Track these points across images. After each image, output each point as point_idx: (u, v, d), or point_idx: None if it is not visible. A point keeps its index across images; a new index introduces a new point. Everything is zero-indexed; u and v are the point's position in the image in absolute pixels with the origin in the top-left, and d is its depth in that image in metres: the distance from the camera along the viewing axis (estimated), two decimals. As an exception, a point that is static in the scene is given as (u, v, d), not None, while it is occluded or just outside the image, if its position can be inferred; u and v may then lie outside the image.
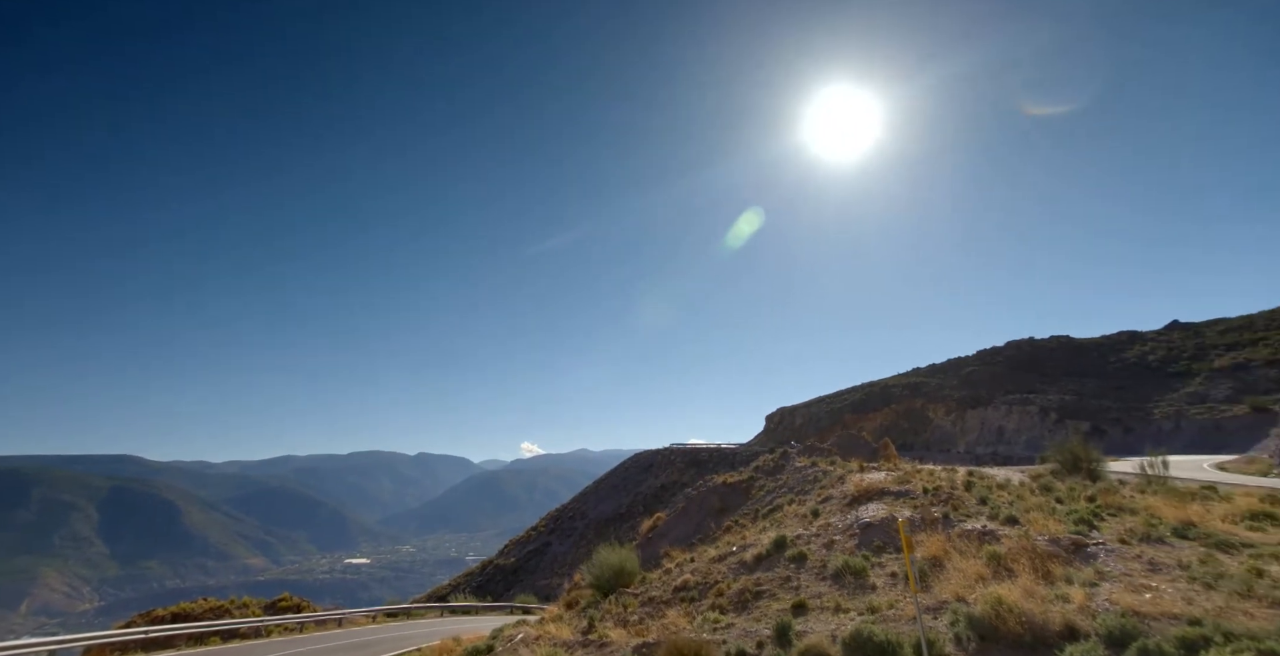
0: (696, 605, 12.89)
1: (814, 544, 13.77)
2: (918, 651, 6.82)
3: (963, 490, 15.85)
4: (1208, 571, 8.59)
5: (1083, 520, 11.77)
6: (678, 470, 65.84)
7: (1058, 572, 9.04)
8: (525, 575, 60.74)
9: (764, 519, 21.81)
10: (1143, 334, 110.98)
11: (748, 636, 9.16)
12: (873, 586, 10.57)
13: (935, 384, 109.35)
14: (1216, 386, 77.20)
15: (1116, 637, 6.39)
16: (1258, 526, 11.49)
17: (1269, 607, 7.31)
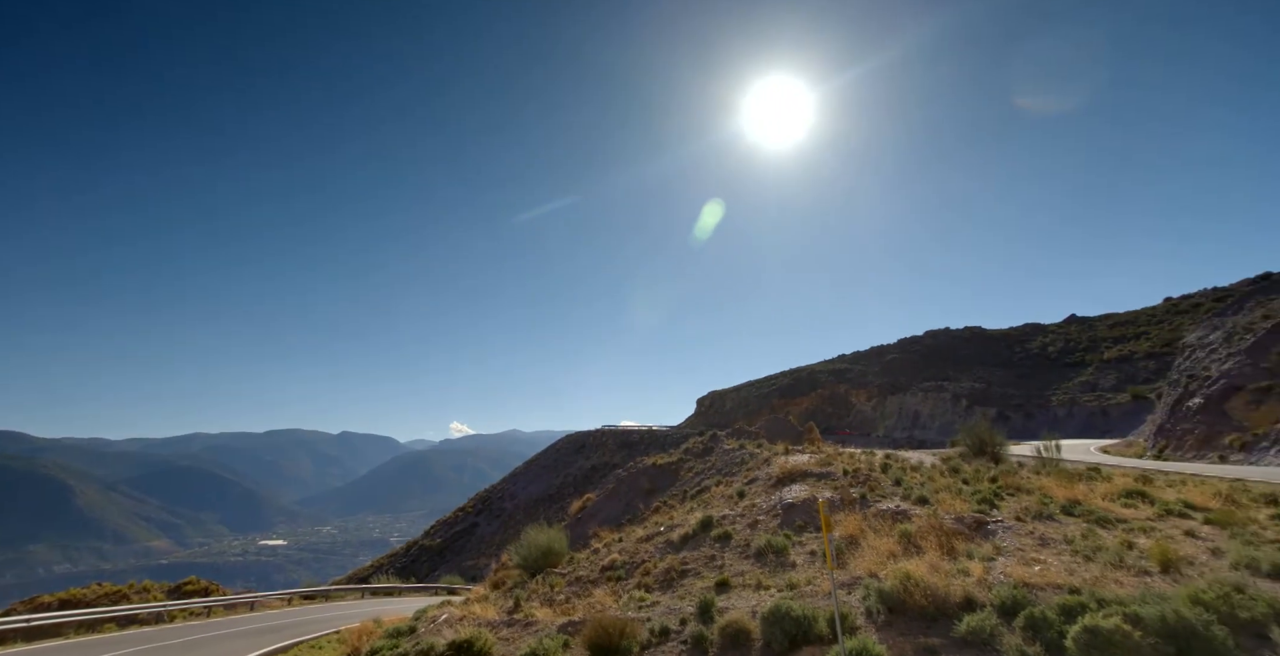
0: (623, 584, 13.10)
1: (739, 524, 14.20)
2: (831, 625, 7.18)
3: (880, 472, 16.68)
4: (1088, 545, 9.43)
5: (985, 500, 12.62)
6: (609, 451, 66.29)
7: (961, 549, 9.70)
8: (452, 556, 60.04)
9: (692, 500, 22.30)
10: (1045, 327, 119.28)
11: (672, 614, 9.39)
12: (793, 564, 11.03)
13: (859, 371, 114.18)
14: (1105, 376, 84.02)
15: (1008, 607, 6.93)
16: (1131, 503, 12.67)
17: (1136, 576, 8.11)
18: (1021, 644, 6.17)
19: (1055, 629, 6.22)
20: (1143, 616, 6.02)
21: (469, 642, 9.41)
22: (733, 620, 8.05)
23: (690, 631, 8.21)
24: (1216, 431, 35.81)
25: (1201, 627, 5.88)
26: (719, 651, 7.69)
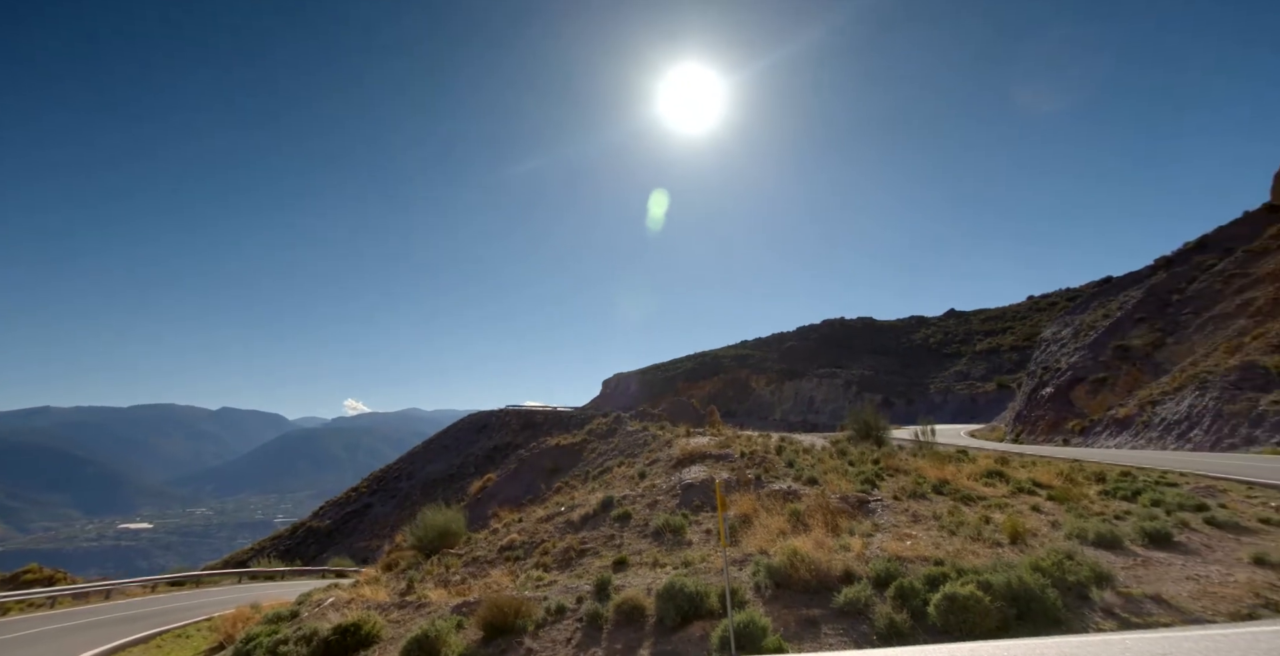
0: (521, 564, 13.08)
1: (639, 504, 14.48)
2: (722, 600, 7.49)
3: (774, 454, 17.50)
4: (953, 520, 10.35)
5: (868, 480, 13.55)
6: (513, 432, 65.50)
7: (844, 526, 10.37)
8: (342, 538, 57.57)
9: (594, 480, 22.49)
10: (928, 319, 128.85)
11: (569, 592, 9.47)
12: (689, 542, 11.39)
13: (759, 356, 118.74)
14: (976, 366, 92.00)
15: (882, 579, 7.51)
16: (991, 483, 14.02)
17: (990, 547, 9.00)
18: (891, 612, 6.70)
19: (921, 597, 6.80)
20: (993, 583, 6.70)
21: (356, 626, 9.09)
22: (628, 597, 8.22)
23: (586, 609, 8.31)
24: (1063, 417, 40.16)
25: (1039, 591, 6.62)
26: (613, 628, 7.84)
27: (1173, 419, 28.95)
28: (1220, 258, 41.85)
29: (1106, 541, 8.98)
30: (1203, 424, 26.79)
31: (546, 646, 7.78)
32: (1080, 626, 6.38)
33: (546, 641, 7.90)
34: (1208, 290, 38.89)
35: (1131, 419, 32.40)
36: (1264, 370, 26.31)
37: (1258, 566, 8.04)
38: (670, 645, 7.12)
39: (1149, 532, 9.29)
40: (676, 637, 7.24)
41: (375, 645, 8.92)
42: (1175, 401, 29.94)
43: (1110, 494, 12.99)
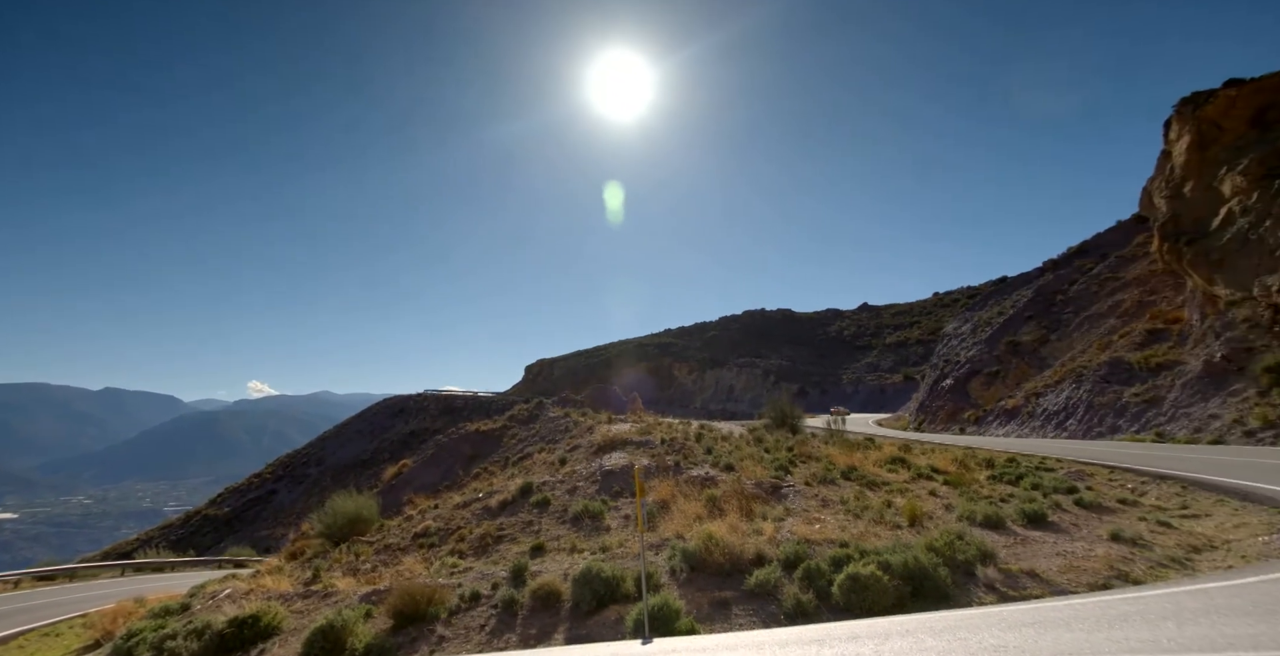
0: (436, 551, 12.82)
1: (559, 490, 14.45)
2: (638, 584, 7.61)
3: (694, 441, 17.86)
4: (859, 505, 10.92)
5: (782, 467, 14.06)
6: (431, 417, 63.75)
7: (758, 511, 10.73)
8: (242, 526, 54.47)
9: (514, 466, 22.26)
10: (843, 312, 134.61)
11: (484, 579, 9.36)
12: (608, 528, 11.48)
13: (682, 345, 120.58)
14: (885, 358, 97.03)
15: (791, 561, 7.83)
16: (894, 468, 14.88)
17: (891, 530, 9.57)
18: (798, 592, 7.01)
19: (826, 578, 7.14)
20: (892, 563, 7.12)
21: (255, 617, 8.63)
22: (544, 583, 8.21)
23: (501, 595, 8.24)
24: (960, 407, 43.06)
25: (932, 569, 7.10)
26: (529, 613, 7.82)
27: (1053, 409, 31.63)
28: (1097, 262, 45.82)
29: (992, 522, 9.73)
30: (1077, 414, 29.42)
31: (460, 633, 7.67)
32: (966, 601, 6.90)
33: (460, 628, 7.79)
34: (1086, 292, 42.56)
35: (1019, 409, 35.12)
36: (1128, 365, 29.13)
37: (1114, 542, 8.93)
38: (585, 629, 7.17)
39: (1028, 514, 10.13)
40: (591, 622, 7.30)
41: (276, 637, 8.51)
42: (1055, 393, 32.71)
43: (998, 478, 14.08)
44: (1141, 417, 25.54)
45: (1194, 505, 11.43)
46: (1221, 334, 25.26)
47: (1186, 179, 32.09)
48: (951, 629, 4.82)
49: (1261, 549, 8.29)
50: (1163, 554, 8.49)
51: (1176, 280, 32.49)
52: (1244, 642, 3.60)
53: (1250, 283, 25.24)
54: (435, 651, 7.23)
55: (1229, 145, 30.33)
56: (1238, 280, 26.02)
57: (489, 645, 7.20)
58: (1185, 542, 9.12)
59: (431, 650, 7.29)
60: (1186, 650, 3.50)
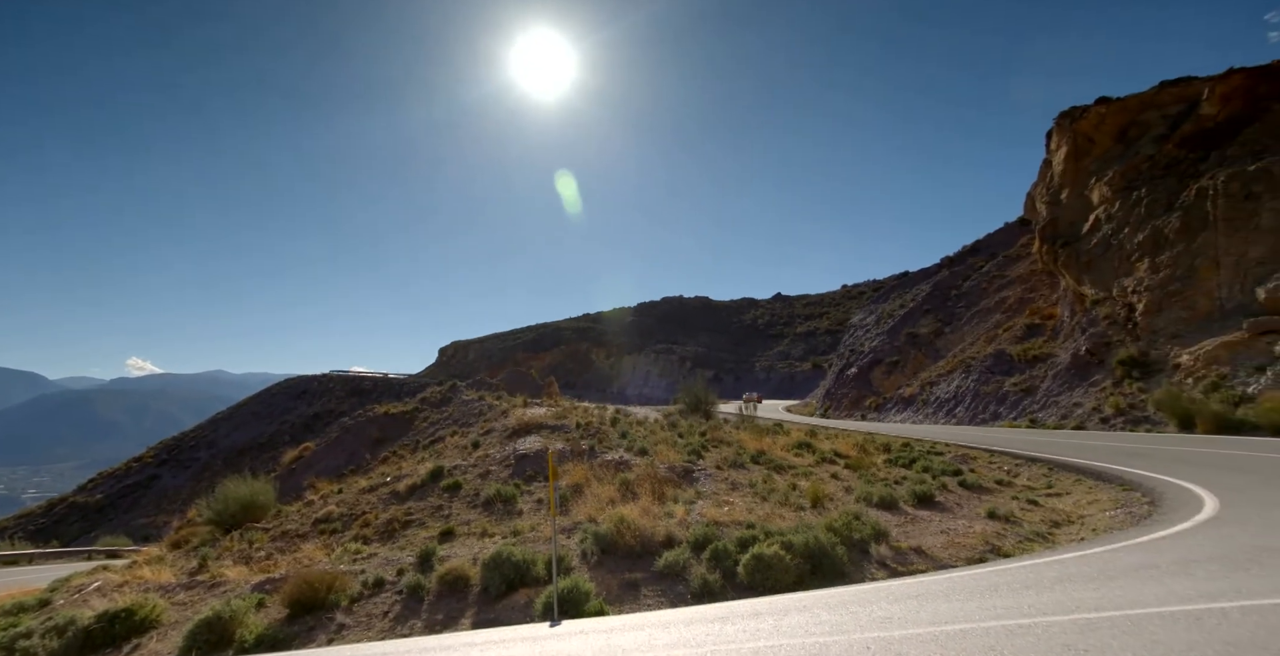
0: (338, 537, 12.34)
1: (471, 474, 14.20)
2: (549, 567, 7.62)
3: (609, 426, 17.98)
4: (766, 488, 11.38)
5: (694, 451, 14.41)
6: (337, 398, 60.87)
7: (670, 494, 10.97)
8: (118, 514, 50.22)
9: (425, 450, 21.67)
10: (758, 301, 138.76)
11: (389, 565, 9.10)
12: (520, 512, 11.41)
13: (600, 330, 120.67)
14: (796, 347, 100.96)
15: (700, 542, 8.07)
16: (800, 453, 15.59)
17: (795, 511, 10.05)
18: (705, 573, 7.24)
19: (733, 558, 7.42)
20: (794, 543, 7.48)
21: (128, 611, 7.99)
22: (453, 568, 8.07)
23: (407, 581, 8.04)
24: (863, 395, 45.55)
25: (831, 548, 7.52)
26: (435, 599, 7.67)
27: (944, 397, 34.05)
28: (987, 260, 49.50)
29: (887, 503, 10.40)
30: (965, 402, 31.82)
31: (361, 620, 7.43)
32: (860, 577, 7.35)
33: (361, 615, 7.54)
34: (976, 288, 45.92)
35: (915, 397, 37.55)
36: (1010, 357, 31.75)
37: (990, 519, 9.77)
38: (493, 613, 7.12)
39: (918, 495, 10.89)
40: (500, 605, 7.26)
41: (153, 631, 7.94)
42: (947, 383, 35.22)
43: (894, 462, 15.04)
44: (1019, 405, 27.92)
45: (1057, 484, 12.65)
46: (1086, 330, 27.93)
47: (1063, 186, 35.09)
48: (845, 603, 5.13)
49: (1109, 522, 9.30)
50: (1029, 529, 9.36)
51: (1053, 279, 35.55)
52: (1088, 605, 4.05)
53: (1111, 284, 28.01)
54: (334, 640, 6.97)
55: (1099, 157, 33.40)
56: (1101, 281, 28.80)
57: (392, 632, 7.02)
58: (1048, 518, 10.10)
59: (330, 638, 7.02)
60: (1042, 613, 3.89)
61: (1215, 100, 27.84)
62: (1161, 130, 30.50)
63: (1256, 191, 22.68)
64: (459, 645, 5.30)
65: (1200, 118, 28.34)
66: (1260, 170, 22.87)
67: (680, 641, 4.29)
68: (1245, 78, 27.31)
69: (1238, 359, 20.09)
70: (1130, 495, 10.59)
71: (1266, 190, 22.42)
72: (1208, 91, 28.42)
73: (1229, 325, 21.42)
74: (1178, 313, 23.91)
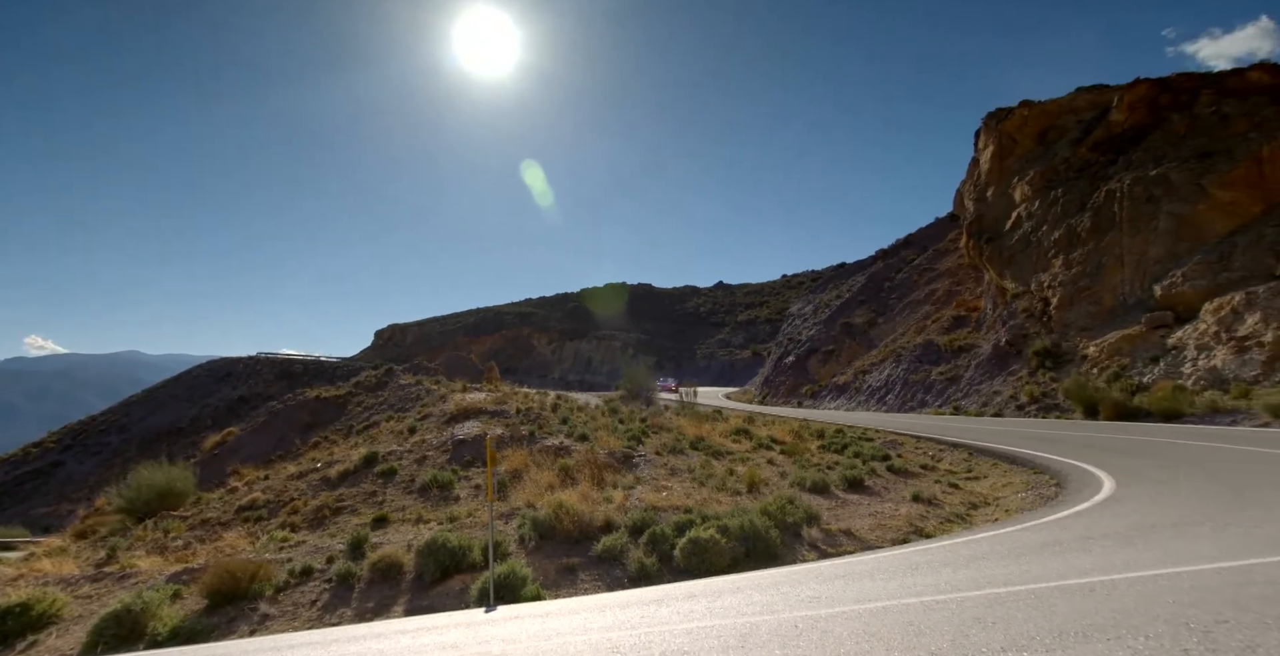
0: (264, 525, 11.91)
1: (407, 459, 13.89)
2: (485, 553, 7.55)
3: (550, 411, 17.89)
4: (704, 473, 11.59)
5: (635, 437, 14.51)
6: (265, 382, 58.14)
7: (610, 479, 11.02)
8: (14, 503, 46.70)
9: (358, 435, 21.05)
10: (700, 289, 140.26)
11: (318, 552, 8.83)
12: (457, 498, 11.25)
13: (542, 315, 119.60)
14: (736, 335, 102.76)
15: (638, 527, 8.16)
16: (738, 439, 15.93)
17: (731, 496, 10.28)
18: (642, 556, 7.34)
19: (670, 542, 7.54)
20: (730, 527, 7.67)
21: (24, 606, 7.47)
22: (386, 555, 7.91)
23: (337, 569, 7.82)
24: (800, 382, 46.85)
25: (765, 532, 7.74)
26: (367, 587, 7.50)
27: (876, 385, 35.44)
28: (919, 253, 51.56)
29: (819, 487, 10.77)
30: (895, 390, 33.22)
31: (287, 610, 7.20)
32: (792, 558, 7.61)
33: (288, 605, 7.30)
34: (908, 280, 47.82)
35: (849, 385, 38.90)
36: (937, 348, 33.30)
37: (915, 502, 10.27)
38: (427, 600, 7.02)
39: (849, 479, 11.33)
40: (435, 592, 7.16)
41: (53, 627, 7.45)
42: (879, 371, 36.64)
43: (827, 448, 15.57)
44: (944, 393, 29.35)
45: (976, 468, 13.41)
46: (1007, 322, 29.56)
47: (989, 184, 36.83)
48: (776, 584, 5.30)
49: (1020, 503, 9.93)
50: (950, 511, 9.90)
51: (978, 273, 37.39)
52: (998, 581, 4.32)
53: (1030, 278, 29.69)
54: (258, 631, 6.73)
55: (1021, 157, 35.21)
56: (1021, 276, 30.50)
57: (320, 621, 6.83)
58: (967, 501, 10.70)
59: (253, 629, 6.77)
60: (957, 590, 4.13)
61: (1124, 108, 29.71)
62: (1076, 134, 32.36)
63: (1156, 195, 24.43)
64: (390, 632, 5.20)
65: (1110, 124, 30.20)
66: (1160, 176, 24.62)
67: (616, 624, 4.34)
68: (1149, 88, 29.25)
69: (1136, 351, 21.71)
70: (1040, 478, 11.32)
71: (1165, 194, 24.17)
72: (1117, 99, 30.29)
73: (1130, 319, 23.10)
74: (1086, 307, 25.59)
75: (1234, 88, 26.61)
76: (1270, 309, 18.17)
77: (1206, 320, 19.90)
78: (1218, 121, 25.22)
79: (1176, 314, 21.64)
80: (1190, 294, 21.44)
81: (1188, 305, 21.38)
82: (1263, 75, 26.47)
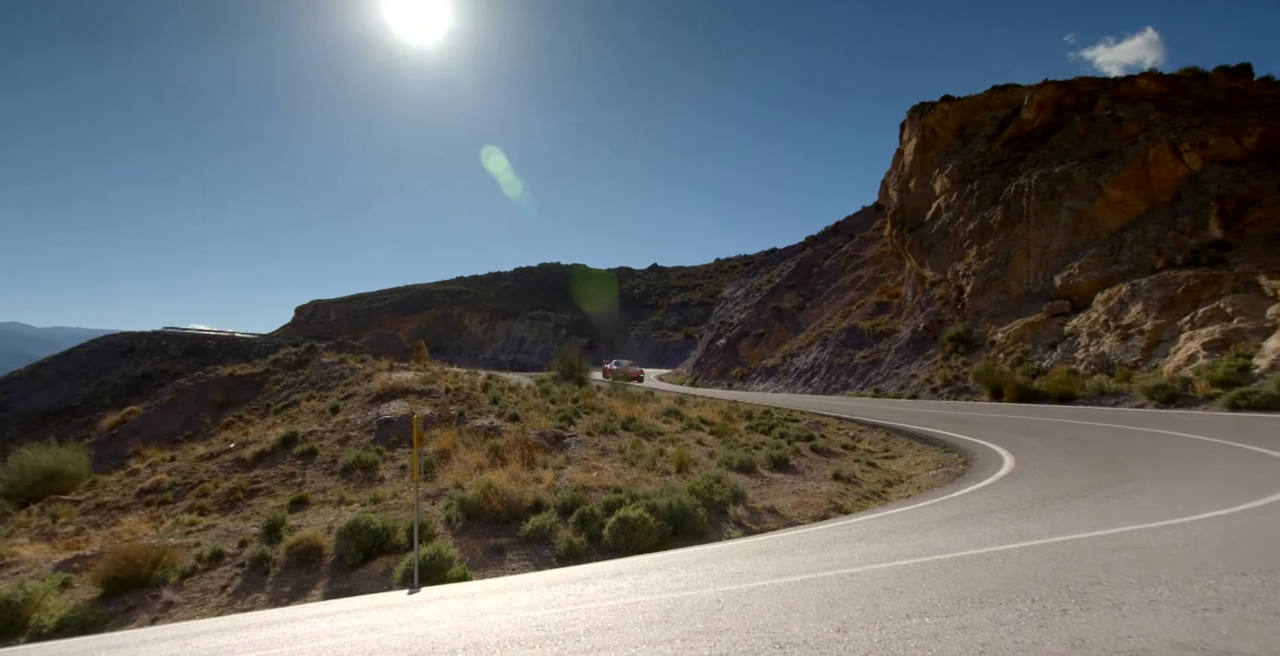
0: (169, 508, 11.26)
1: (329, 440, 13.39)
2: (410, 534, 7.40)
3: (480, 391, 17.59)
4: (634, 453, 11.71)
5: (566, 417, 14.49)
6: (171, 358, 54.35)
7: (540, 460, 10.98)
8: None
9: (276, 414, 20.09)
10: (635, 271, 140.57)
11: (230, 536, 8.43)
12: (382, 479, 10.94)
13: (474, 294, 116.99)
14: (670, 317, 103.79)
15: (568, 507, 8.19)
16: (669, 420, 16.16)
17: (661, 476, 10.45)
18: (571, 536, 7.38)
19: (599, 522, 7.60)
20: (658, 506, 7.80)
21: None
22: (304, 537, 7.63)
23: (251, 552, 7.50)
24: (730, 365, 47.89)
25: (692, 510, 7.92)
26: (283, 571, 7.23)
27: (803, 368, 36.67)
28: (846, 241, 53.39)
29: (746, 467, 11.09)
30: (821, 372, 34.48)
31: (194, 596, 6.86)
32: (718, 536, 7.83)
33: (194, 591, 6.96)
34: (835, 266, 49.51)
35: (777, 367, 40.06)
36: (861, 332, 34.74)
37: (835, 481, 10.76)
38: (348, 582, 6.83)
39: (774, 459, 11.72)
40: (356, 575, 6.98)
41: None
42: (806, 354, 37.91)
43: (754, 428, 16.03)
44: (866, 376, 30.70)
45: (893, 448, 14.14)
46: (925, 309, 31.11)
47: (912, 176, 38.41)
48: (701, 561, 5.45)
49: (931, 480, 10.57)
50: (867, 488, 10.42)
51: (900, 261, 39.10)
52: (907, 553, 4.60)
53: (947, 267, 31.31)
54: (160, 619, 6.38)
55: (942, 150, 36.86)
56: (939, 265, 32.11)
57: (231, 607, 6.54)
58: (883, 478, 11.28)
59: (154, 618, 6.42)
60: (870, 562, 4.37)
61: (1033, 107, 31.50)
62: (992, 130, 34.11)
63: (1059, 191, 26.16)
64: (306, 616, 5.03)
65: (1021, 122, 31.97)
66: (1062, 173, 26.35)
67: (541, 602, 4.35)
68: (1055, 90, 31.11)
69: (1037, 337, 23.34)
70: (949, 456, 12.06)
71: (1066, 190, 25.92)
72: (1027, 99, 32.08)
73: (1033, 308, 24.79)
74: (996, 296, 27.26)
75: (1126, 93, 28.61)
76: (1150, 300, 19.89)
77: (1098, 309, 21.59)
78: (1112, 124, 27.09)
79: (1073, 303, 23.37)
80: (1085, 285, 23.19)
81: (1083, 295, 23.13)
82: (1150, 83, 28.56)
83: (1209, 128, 24.15)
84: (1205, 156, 23.18)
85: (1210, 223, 21.28)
